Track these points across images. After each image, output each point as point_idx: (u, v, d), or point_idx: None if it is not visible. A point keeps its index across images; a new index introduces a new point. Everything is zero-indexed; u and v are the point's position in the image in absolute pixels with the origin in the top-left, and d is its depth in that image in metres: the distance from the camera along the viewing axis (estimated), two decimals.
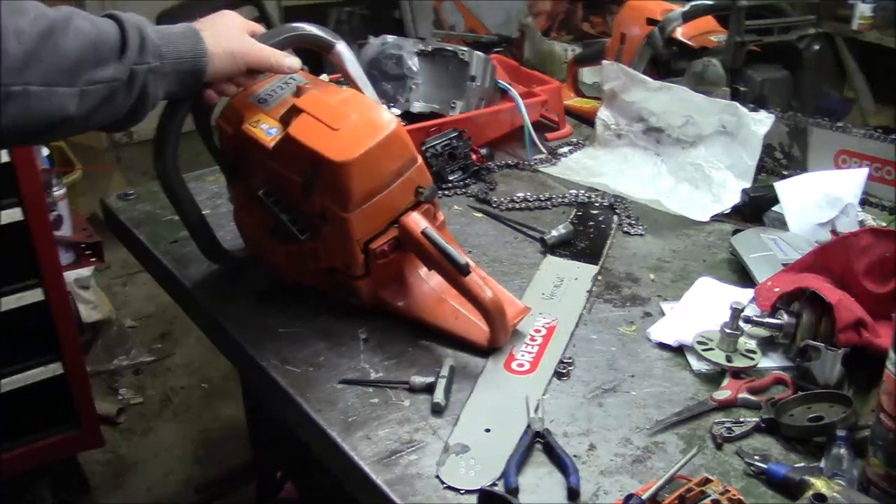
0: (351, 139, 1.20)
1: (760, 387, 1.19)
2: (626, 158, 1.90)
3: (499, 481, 1.04)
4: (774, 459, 1.06)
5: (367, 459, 1.07)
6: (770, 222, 1.60)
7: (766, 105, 1.85)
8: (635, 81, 1.90)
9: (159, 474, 2.66)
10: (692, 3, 2.00)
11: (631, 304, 1.41)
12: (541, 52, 3.50)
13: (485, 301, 1.22)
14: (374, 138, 1.21)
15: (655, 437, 1.11)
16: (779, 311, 1.26)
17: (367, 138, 1.21)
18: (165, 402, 2.96)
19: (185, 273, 1.48)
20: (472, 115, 1.86)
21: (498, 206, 1.71)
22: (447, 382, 1.19)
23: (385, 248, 1.26)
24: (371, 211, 1.22)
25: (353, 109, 1.26)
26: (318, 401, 1.17)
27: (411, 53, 1.90)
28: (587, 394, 1.20)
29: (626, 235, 1.62)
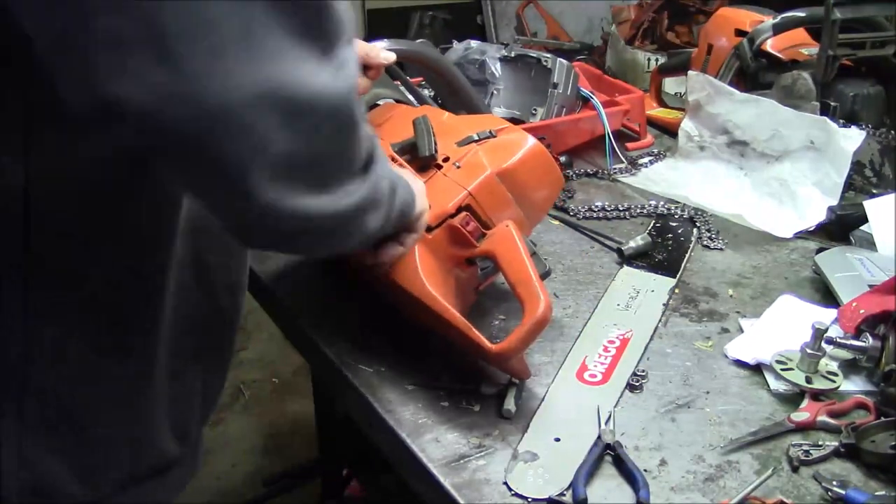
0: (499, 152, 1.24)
1: (841, 410, 1.16)
2: (709, 171, 1.87)
3: (567, 491, 1.03)
4: (853, 486, 1.03)
5: (436, 462, 1.07)
6: (857, 241, 1.56)
7: (857, 121, 1.80)
8: (721, 93, 1.87)
9: (227, 465, 2.71)
10: (783, 15, 1.95)
11: (708, 319, 1.38)
12: (624, 60, 3.46)
13: (542, 304, 1.09)
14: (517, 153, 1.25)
15: (729, 456, 1.09)
16: (863, 334, 1.22)
17: (511, 153, 1.24)
18: (237, 395, 3.02)
19: (262, 268, 1.51)
20: (552, 123, 1.85)
21: (575, 215, 1.70)
22: (517, 390, 1.18)
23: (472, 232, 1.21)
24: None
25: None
26: (388, 401, 1.18)
27: (494, 59, 1.91)
28: (660, 408, 1.18)
29: (705, 249, 1.59)
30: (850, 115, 1.83)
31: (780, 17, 1.96)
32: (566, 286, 1.46)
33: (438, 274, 1.18)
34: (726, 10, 2.22)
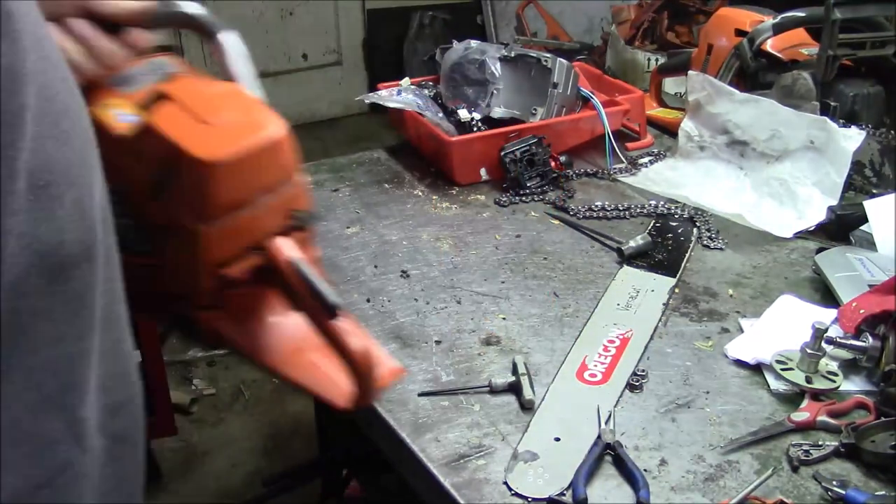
0: (223, 137, 0.96)
1: (841, 410, 1.16)
2: (709, 171, 1.87)
3: (567, 491, 1.03)
4: (853, 486, 1.03)
5: (436, 462, 1.07)
6: (857, 241, 1.56)
7: (857, 121, 1.80)
8: (721, 93, 1.87)
9: (227, 465, 2.71)
10: (783, 15, 1.95)
11: (708, 319, 1.38)
12: (623, 60, 3.47)
13: (352, 351, 0.98)
14: (252, 140, 0.96)
15: (729, 456, 1.09)
16: (863, 334, 1.22)
17: (244, 139, 0.96)
18: (237, 395, 3.02)
19: None
20: (552, 122, 1.85)
21: (575, 214, 1.70)
22: (529, 378, 1.19)
23: (242, 275, 1.00)
24: (231, 228, 0.96)
25: (232, 105, 1.03)
26: (388, 401, 1.18)
27: (494, 59, 1.90)
28: (660, 408, 1.18)
29: (705, 249, 1.59)
30: (850, 115, 1.83)
31: (780, 17, 1.95)
32: (566, 286, 1.46)
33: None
34: (726, 10, 2.22)
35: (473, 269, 1.51)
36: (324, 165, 1.92)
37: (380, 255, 1.55)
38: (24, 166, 0.61)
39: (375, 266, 1.51)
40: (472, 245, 1.59)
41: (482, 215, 1.70)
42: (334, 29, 5.11)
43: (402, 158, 1.94)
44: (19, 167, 0.61)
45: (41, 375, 0.67)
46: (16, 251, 0.62)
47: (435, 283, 1.47)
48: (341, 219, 1.68)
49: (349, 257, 1.54)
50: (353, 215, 1.69)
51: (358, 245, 1.58)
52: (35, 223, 0.63)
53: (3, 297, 0.62)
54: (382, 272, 1.50)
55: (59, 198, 0.65)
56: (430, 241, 1.60)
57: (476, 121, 1.84)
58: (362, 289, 1.44)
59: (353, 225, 1.65)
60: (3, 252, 0.61)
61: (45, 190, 0.64)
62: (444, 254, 1.56)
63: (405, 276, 1.48)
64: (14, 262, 0.62)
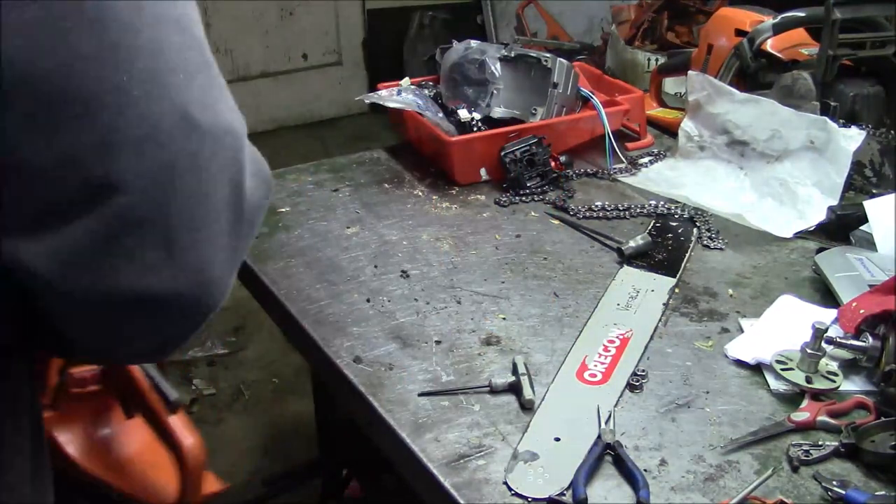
0: None
1: (841, 410, 1.16)
2: (709, 171, 1.87)
3: (567, 491, 1.03)
4: (853, 486, 1.03)
5: (436, 462, 1.07)
6: (857, 241, 1.56)
7: (857, 121, 1.80)
8: (721, 93, 1.87)
9: (227, 465, 2.71)
10: (783, 15, 1.95)
11: (708, 319, 1.38)
12: (623, 60, 3.47)
13: (184, 445, 1.00)
14: None
15: (729, 456, 1.09)
16: (863, 334, 1.22)
17: None
18: (237, 395, 3.02)
19: (263, 268, 1.51)
20: (552, 122, 1.85)
21: (575, 214, 1.70)
22: (529, 378, 1.19)
23: (88, 375, 1.00)
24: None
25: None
26: (388, 401, 1.18)
27: (494, 59, 1.90)
28: (660, 408, 1.18)
29: (705, 249, 1.59)
30: (850, 115, 1.83)
31: (780, 17, 1.95)
32: (566, 286, 1.46)
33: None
34: (726, 10, 2.22)
35: (473, 269, 1.51)
36: (324, 165, 1.92)
37: (380, 255, 1.55)
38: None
39: (375, 266, 1.51)
40: (472, 245, 1.59)
41: (482, 215, 1.70)
42: (334, 29, 5.11)
43: (402, 158, 1.94)
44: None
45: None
46: None
47: (435, 283, 1.47)
48: (341, 219, 1.68)
49: (349, 257, 1.54)
50: (353, 215, 1.69)
51: (358, 245, 1.58)
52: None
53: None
54: (382, 272, 1.50)
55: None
56: (430, 241, 1.60)
57: (476, 121, 1.84)
58: (362, 289, 1.44)
59: (353, 225, 1.65)
60: None
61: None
62: (444, 254, 1.56)
63: (405, 276, 1.48)
64: None
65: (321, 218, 1.68)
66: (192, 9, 0.68)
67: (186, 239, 0.63)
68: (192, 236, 0.64)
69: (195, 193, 0.63)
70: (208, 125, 0.63)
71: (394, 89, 1.95)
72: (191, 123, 0.62)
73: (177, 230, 0.63)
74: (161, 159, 0.61)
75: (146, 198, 0.61)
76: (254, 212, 0.71)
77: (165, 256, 0.63)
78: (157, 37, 0.62)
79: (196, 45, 0.66)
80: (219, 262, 0.66)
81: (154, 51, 0.62)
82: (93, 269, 0.62)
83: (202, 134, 0.63)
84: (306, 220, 1.67)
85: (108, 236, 0.61)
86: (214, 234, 0.66)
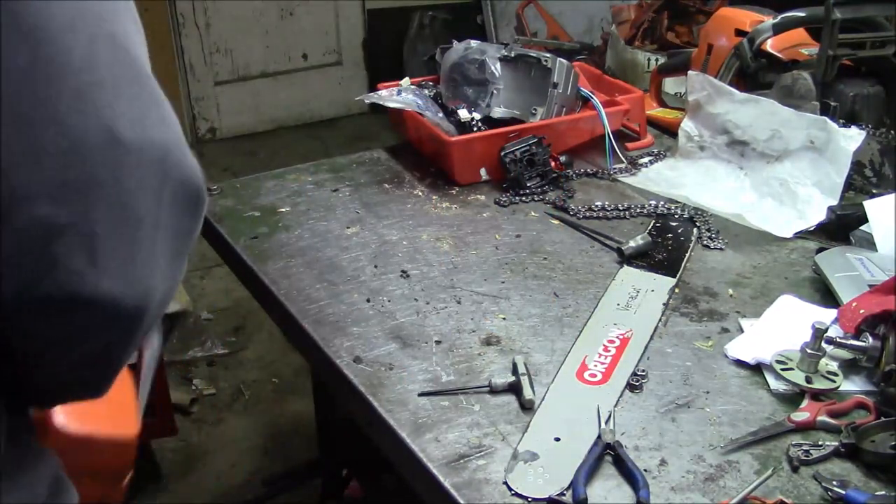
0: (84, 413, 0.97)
1: (841, 410, 1.16)
2: (709, 171, 1.87)
3: (567, 491, 1.03)
4: (853, 486, 1.03)
5: (436, 462, 1.07)
6: (857, 241, 1.56)
7: (857, 121, 1.80)
8: (721, 93, 1.87)
9: (227, 465, 2.71)
10: (783, 15, 1.95)
11: (708, 319, 1.38)
12: (623, 60, 3.47)
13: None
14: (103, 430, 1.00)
15: (729, 456, 1.09)
16: (863, 334, 1.22)
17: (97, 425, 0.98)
18: (237, 395, 3.01)
19: (263, 268, 1.51)
20: (552, 122, 1.85)
21: (575, 214, 1.70)
22: (529, 378, 1.19)
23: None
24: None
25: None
26: (388, 401, 1.18)
27: (494, 59, 1.90)
28: (660, 408, 1.18)
29: (705, 249, 1.59)
30: (850, 115, 1.83)
31: (780, 17, 1.95)
32: (566, 286, 1.46)
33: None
34: (726, 10, 2.22)
35: (473, 269, 1.51)
36: (324, 165, 1.92)
37: (380, 255, 1.55)
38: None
39: (375, 266, 1.51)
40: (472, 245, 1.59)
41: (482, 215, 1.70)
42: (334, 29, 5.10)
43: (402, 158, 1.94)
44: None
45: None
46: None
47: (435, 283, 1.47)
48: (341, 219, 1.68)
49: (349, 257, 1.54)
50: (353, 215, 1.69)
51: (358, 245, 1.58)
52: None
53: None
54: (382, 272, 1.50)
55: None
56: (430, 241, 1.60)
57: (476, 121, 1.84)
58: (362, 289, 1.44)
59: (353, 225, 1.65)
60: None
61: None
62: (444, 254, 1.56)
63: (405, 276, 1.48)
64: None
65: (321, 218, 1.68)
66: (130, 22, 0.70)
67: (108, 246, 0.66)
68: (116, 244, 0.67)
69: (116, 204, 0.66)
70: (133, 140, 0.66)
71: (394, 89, 1.95)
72: (115, 138, 0.65)
73: (99, 238, 0.65)
74: (83, 172, 0.64)
75: (66, 207, 0.64)
76: (182, 221, 0.73)
77: (88, 263, 0.65)
78: (90, 53, 0.65)
79: (128, 61, 0.68)
80: (147, 267, 0.70)
81: (84, 67, 0.64)
82: (17, 274, 0.64)
83: (126, 148, 0.65)
84: (306, 220, 1.67)
85: (32, 243, 0.64)
86: (139, 241, 0.69)
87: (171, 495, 2.58)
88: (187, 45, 4.71)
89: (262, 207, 1.72)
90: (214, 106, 4.89)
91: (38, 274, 0.64)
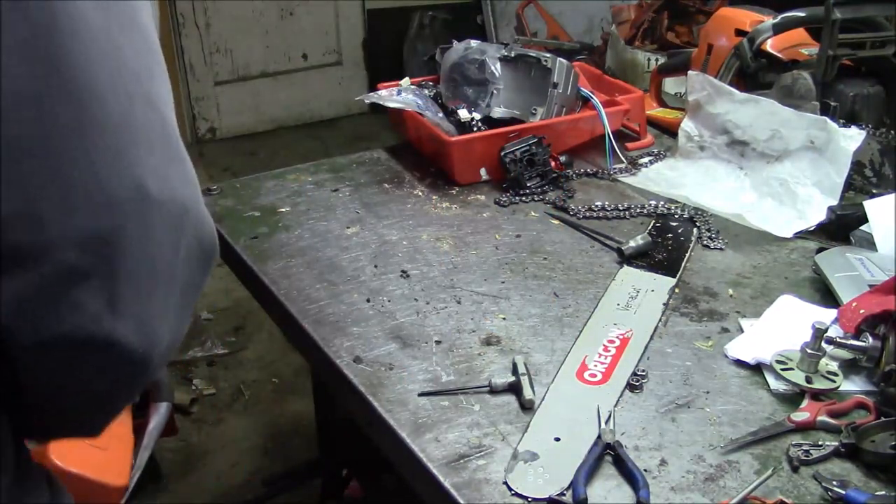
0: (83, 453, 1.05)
1: (841, 410, 1.16)
2: (709, 171, 1.87)
3: (567, 491, 1.03)
4: (853, 486, 1.03)
5: (436, 462, 1.07)
6: (857, 241, 1.56)
7: (857, 121, 1.80)
8: (721, 93, 1.87)
9: (227, 465, 2.71)
10: (783, 15, 1.95)
11: (708, 319, 1.38)
12: (623, 60, 3.47)
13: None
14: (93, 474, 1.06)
15: (729, 456, 1.09)
16: (863, 334, 1.22)
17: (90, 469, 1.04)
18: (237, 395, 3.01)
19: (263, 268, 1.51)
20: (552, 122, 1.85)
21: (575, 214, 1.70)
22: (529, 378, 1.19)
23: None
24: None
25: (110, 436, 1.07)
26: (388, 401, 1.18)
27: (494, 59, 1.90)
28: (660, 408, 1.18)
29: (705, 249, 1.59)
30: (850, 115, 1.83)
31: (780, 17, 1.95)
32: (566, 286, 1.46)
33: None
34: (726, 10, 2.22)
35: (473, 269, 1.51)
36: (324, 165, 1.92)
37: (380, 255, 1.55)
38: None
39: (375, 266, 1.51)
40: (472, 245, 1.59)
41: (482, 215, 1.70)
42: (334, 29, 5.10)
43: (402, 158, 1.94)
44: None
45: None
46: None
47: (435, 283, 1.47)
48: (341, 219, 1.68)
49: (349, 257, 1.54)
50: (353, 215, 1.69)
51: (358, 245, 1.58)
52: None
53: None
54: (382, 272, 1.50)
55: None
56: (430, 241, 1.60)
57: (476, 121, 1.84)
58: (362, 289, 1.44)
59: (353, 225, 1.65)
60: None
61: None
62: (444, 254, 1.56)
63: (405, 276, 1.48)
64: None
65: (321, 218, 1.68)
66: (163, 82, 0.74)
67: (128, 294, 0.70)
68: (134, 293, 0.71)
69: (139, 255, 0.70)
70: (159, 196, 0.70)
71: (394, 89, 1.95)
72: (144, 193, 0.69)
73: (120, 286, 0.69)
74: (112, 223, 0.68)
75: (92, 256, 0.68)
76: (194, 275, 0.78)
77: (108, 308, 0.69)
78: (128, 112, 0.69)
79: (160, 121, 0.72)
80: (159, 317, 0.74)
81: (122, 125, 0.68)
82: (39, 315, 0.68)
83: (153, 204, 0.70)
84: (306, 220, 1.67)
85: (58, 286, 0.67)
86: (156, 294, 0.73)
87: (171, 495, 2.58)
88: (187, 45, 4.71)
89: (262, 207, 1.72)
90: (214, 106, 4.89)
91: (59, 316, 0.68)
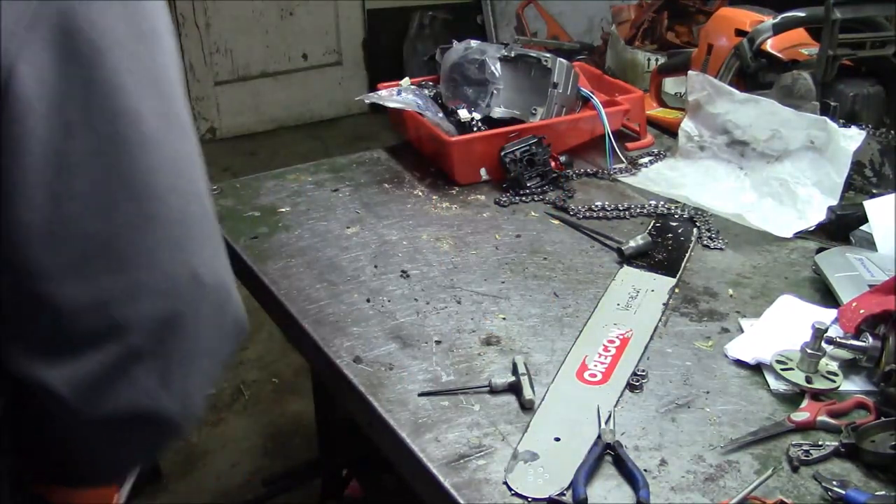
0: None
1: (841, 410, 1.16)
2: (709, 171, 1.87)
3: (567, 491, 1.03)
4: (853, 486, 1.03)
5: (436, 462, 1.07)
6: (857, 241, 1.56)
7: (857, 121, 1.80)
8: (721, 93, 1.87)
9: (227, 465, 2.71)
10: (783, 15, 1.95)
11: (708, 319, 1.38)
12: (623, 60, 3.47)
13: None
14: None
15: (729, 456, 1.09)
16: (863, 334, 1.22)
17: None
18: (237, 395, 3.01)
19: (263, 268, 1.51)
20: (552, 122, 1.85)
21: (575, 214, 1.70)
22: (529, 378, 1.19)
23: None
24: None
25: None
26: (388, 401, 1.18)
27: (494, 59, 1.90)
28: (660, 408, 1.18)
29: (705, 249, 1.59)
30: (850, 115, 1.83)
31: (780, 17, 1.95)
32: (566, 286, 1.46)
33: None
34: (726, 10, 2.22)
35: (473, 269, 1.51)
36: (324, 165, 1.92)
37: (380, 255, 1.55)
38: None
39: (375, 266, 1.51)
40: (472, 245, 1.59)
41: (482, 215, 1.70)
42: (334, 29, 5.11)
43: (402, 158, 1.94)
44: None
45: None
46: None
47: (435, 283, 1.47)
48: (341, 219, 1.68)
49: (349, 257, 1.54)
50: (353, 215, 1.69)
51: (358, 245, 1.58)
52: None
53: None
54: (382, 272, 1.50)
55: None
56: (430, 241, 1.60)
57: (476, 121, 1.84)
58: (362, 289, 1.44)
59: (353, 225, 1.65)
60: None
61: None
62: (444, 254, 1.56)
63: (405, 276, 1.48)
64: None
65: (321, 218, 1.68)
66: (203, 172, 0.81)
67: (178, 372, 0.78)
68: (183, 370, 0.79)
69: (191, 336, 0.78)
70: (210, 282, 0.78)
71: (394, 89, 1.95)
72: (198, 281, 0.77)
73: (173, 364, 0.77)
74: (171, 309, 0.76)
75: (153, 338, 0.75)
76: (225, 350, 0.85)
77: (160, 385, 0.77)
78: (183, 209, 0.77)
79: (208, 216, 0.80)
80: (199, 390, 0.82)
81: (179, 221, 0.76)
82: (100, 391, 0.75)
83: (204, 289, 0.78)
84: (306, 220, 1.67)
85: (118, 366, 0.75)
86: (198, 369, 0.81)
87: (171, 495, 2.58)
88: (187, 45, 4.71)
89: (262, 207, 1.72)
90: (214, 106, 4.89)
91: (117, 392, 0.75)
